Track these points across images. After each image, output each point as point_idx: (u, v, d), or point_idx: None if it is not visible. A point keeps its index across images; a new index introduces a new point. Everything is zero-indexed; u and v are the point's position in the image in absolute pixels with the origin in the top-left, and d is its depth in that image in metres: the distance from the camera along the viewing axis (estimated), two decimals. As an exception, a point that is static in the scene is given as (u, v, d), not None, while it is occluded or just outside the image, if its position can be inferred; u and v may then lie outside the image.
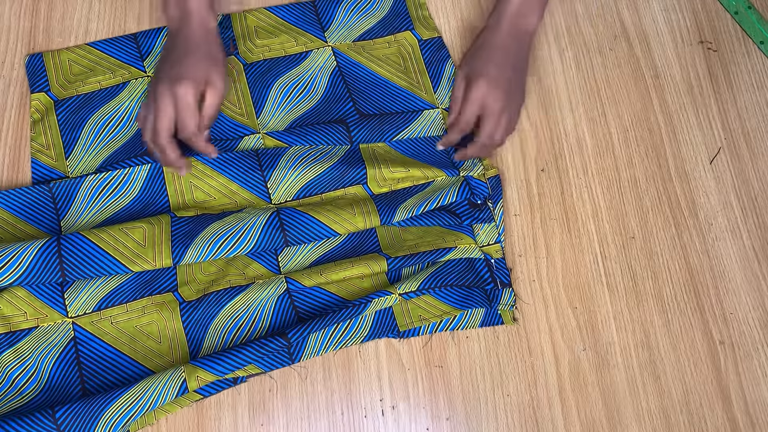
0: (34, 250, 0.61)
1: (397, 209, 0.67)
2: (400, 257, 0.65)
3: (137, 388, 0.59)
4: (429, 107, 0.73)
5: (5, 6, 0.76)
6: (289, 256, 0.67)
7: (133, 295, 0.64)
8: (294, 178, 0.69)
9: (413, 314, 0.65)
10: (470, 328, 0.66)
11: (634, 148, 0.73)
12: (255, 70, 0.74)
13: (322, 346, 0.64)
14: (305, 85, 0.73)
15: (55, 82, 0.72)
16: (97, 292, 0.64)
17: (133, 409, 0.58)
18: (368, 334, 0.64)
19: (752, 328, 0.67)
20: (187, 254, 0.63)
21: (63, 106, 0.71)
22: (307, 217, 0.65)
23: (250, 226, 0.64)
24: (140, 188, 0.67)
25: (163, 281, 0.65)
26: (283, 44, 0.75)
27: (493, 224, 0.68)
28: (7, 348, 0.61)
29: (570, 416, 0.64)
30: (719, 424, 0.64)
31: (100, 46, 0.74)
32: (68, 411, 0.58)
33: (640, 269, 0.69)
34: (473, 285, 0.66)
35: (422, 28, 0.77)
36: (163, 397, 0.59)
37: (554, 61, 0.76)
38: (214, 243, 0.63)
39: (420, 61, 0.75)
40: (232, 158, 0.69)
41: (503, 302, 0.66)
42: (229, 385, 0.63)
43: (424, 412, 0.64)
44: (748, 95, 0.76)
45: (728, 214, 0.71)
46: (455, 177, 0.69)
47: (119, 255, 0.62)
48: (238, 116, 0.72)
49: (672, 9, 0.79)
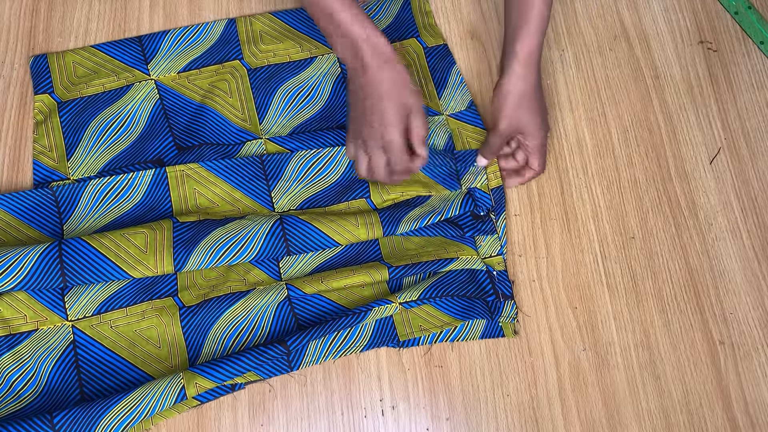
0: (36, 255, 0.61)
1: (401, 221, 0.66)
2: (401, 266, 0.65)
3: (135, 395, 0.58)
4: (433, 114, 0.73)
5: (5, 6, 0.76)
6: (290, 263, 0.67)
7: (133, 300, 0.64)
8: (298, 191, 0.69)
9: (413, 324, 0.65)
10: (470, 339, 0.65)
11: (634, 148, 0.73)
12: (259, 75, 0.73)
13: (321, 354, 0.63)
14: (309, 91, 0.73)
15: (59, 83, 0.72)
16: (97, 296, 0.63)
17: (131, 415, 0.58)
18: (368, 343, 0.64)
19: (752, 328, 0.67)
20: (189, 261, 0.62)
21: (66, 108, 0.71)
22: (310, 227, 0.65)
23: (253, 234, 0.64)
24: (144, 193, 0.67)
25: (164, 286, 0.65)
26: (288, 50, 0.75)
27: (495, 236, 0.68)
28: (6, 351, 0.61)
29: (570, 416, 0.64)
30: (719, 424, 0.64)
31: (104, 48, 0.74)
32: (66, 416, 0.57)
33: (640, 269, 0.69)
34: (475, 296, 0.66)
35: (428, 35, 0.77)
36: (161, 404, 0.58)
37: (554, 61, 0.76)
38: (217, 251, 0.63)
39: (425, 68, 0.75)
40: (237, 165, 0.68)
41: (505, 314, 0.66)
42: (227, 392, 0.62)
43: (424, 412, 0.64)
44: (748, 95, 0.76)
45: (728, 214, 0.71)
46: (458, 191, 0.69)
47: (120, 261, 0.62)
48: (240, 121, 0.71)
49: (672, 9, 0.79)
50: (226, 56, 0.74)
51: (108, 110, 0.71)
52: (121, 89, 0.72)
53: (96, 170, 0.69)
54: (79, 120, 0.70)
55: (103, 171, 0.69)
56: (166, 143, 0.70)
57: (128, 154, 0.69)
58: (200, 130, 0.71)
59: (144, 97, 0.72)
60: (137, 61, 0.73)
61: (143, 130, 0.70)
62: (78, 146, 0.69)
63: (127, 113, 0.71)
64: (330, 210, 0.68)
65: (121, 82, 0.72)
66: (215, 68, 0.73)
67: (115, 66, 0.73)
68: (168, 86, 0.72)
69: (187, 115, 0.71)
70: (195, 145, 0.70)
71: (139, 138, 0.70)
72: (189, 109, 0.72)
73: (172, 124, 0.71)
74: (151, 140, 0.70)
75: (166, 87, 0.72)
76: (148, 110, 0.71)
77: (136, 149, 0.70)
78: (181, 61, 0.73)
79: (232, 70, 0.73)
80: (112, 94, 0.72)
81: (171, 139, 0.70)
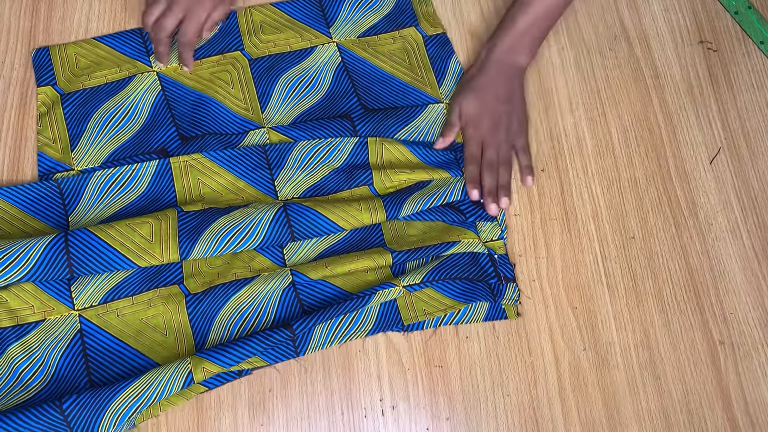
0: (42, 246, 0.61)
1: (404, 204, 0.67)
2: (404, 251, 0.66)
3: (143, 380, 0.59)
4: (433, 101, 0.73)
5: (5, 6, 0.76)
6: (294, 249, 0.67)
7: (139, 288, 0.64)
8: (301, 179, 0.69)
9: (417, 308, 0.66)
10: (474, 322, 0.66)
11: (634, 148, 0.73)
12: (260, 65, 0.74)
13: (327, 338, 0.64)
14: (310, 80, 0.74)
15: (62, 75, 0.72)
16: (103, 285, 0.64)
17: (139, 400, 0.58)
18: (373, 327, 0.65)
19: (752, 328, 0.67)
20: (194, 250, 0.63)
21: (69, 100, 0.71)
22: (314, 212, 0.66)
23: (258, 221, 0.64)
24: (148, 183, 0.68)
25: (169, 274, 0.65)
26: (288, 40, 0.75)
27: (495, 222, 0.69)
28: (15, 341, 0.62)
29: (570, 416, 0.64)
30: (719, 424, 0.64)
31: (106, 40, 0.74)
32: (75, 402, 0.58)
33: (640, 269, 0.69)
34: (477, 279, 0.67)
35: (427, 24, 0.77)
36: (169, 389, 0.59)
37: (554, 61, 0.76)
38: (222, 238, 0.63)
39: (424, 56, 0.76)
40: (240, 155, 0.69)
41: (507, 297, 0.66)
42: (234, 377, 0.63)
43: (424, 412, 0.64)
44: (748, 95, 0.76)
45: (728, 214, 0.71)
46: (459, 177, 0.70)
47: (126, 250, 0.62)
48: (243, 111, 0.72)
49: (672, 9, 0.79)
50: (227, 47, 0.75)
51: (111, 101, 0.71)
52: (124, 80, 0.72)
53: (100, 161, 0.69)
54: (82, 111, 0.71)
55: (108, 161, 0.69)
56: (169, 133, 0.71)
57: (132, 144, 0.70)
58: (203, 119, 0.72)
59: (146, 88, 0.72)
60: (139, 53, 0.74)
61: (146, 121, 0.71)
62: (82, 137, 0.70)
63: (130, 104, 0.71)
64: (333, 197, 0.69)
65: (124, 74, 0.73)
66: (216, 59, 0.74)
67: (117, 58, 0.73)
68: (170, 77, 0.73)
69: (190, 105, 0.72)
70: (198, 135, 0.71)
71: (143, 128, 0.71)
72: (191, 99, 0.72)
73: (174, 114, 0.71)
74: (155, 130, 0.71)
75: (168, 78, 0.73)
76: (151, 100, 0.72)
77: (139, 139, 0.70)
78: None
79: (234, 60, 0.74)
80: (114, 86, 0.72)
81: (174, 129, 0.71)
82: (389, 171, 0.69)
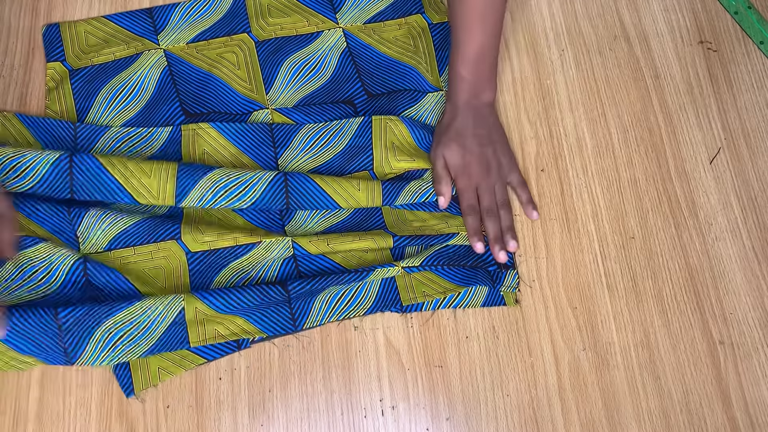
0: (48, 163, 0.63)
1: (401, 192, 0.68)
2: (405, 236, 0.67)
3: (137, 306, 0.61)
4: (433, 90, 0.74)
5: (5, 6, 0.76)
6: (297, 225, 0.68)
7: (141, 240, 0.66)
8: (304, 161, 0.70)
9: (417, 290, 0.66)
10: (473, 306, 0.66)
11: (634, 148, 0.73)
12: (266, 47, 0.75)
13: (326, 314, 0.65)
14: (315, 64, 0.75)
15: (71, 52, 0.73)
16: (108, 230, 0.65)
17: (129, 325, 0.60)
18: (372, 305, 0.65)
19: (752, 328, 0.67)
20: (189, 195, 0.65)
21: (78, 76, 0.72)
22: (312, 183, 0.67)
23: (255, 180, 0.66)
24: (158, 148, 0.70)
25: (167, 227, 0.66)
26: (295, 24, 0.76)
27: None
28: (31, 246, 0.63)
29: (570, 416, 0.64)
30: (719, 424, 0.64)
31: (115, 19, 0.76)
32: (71, 314, 0.59)
33: (640, 269, 0.69)
34: (476, 266, 0.67)
35: (433, 12, 0.78)
36: (160, 321, 0.61)
37: (554, 61, 0.76)
38: (218, 190, 0.65)
39: (429, 43, 0.76)
40: (246, 130, 0.70)
41: (506, 284, 0.67)
42: (232, 350, 0.64)
43: (424, 412, 0.64)
44: (748, 95, 0.76)
45: (728, 214, 0.71)
46: None
47: (125, 181, 0.64)
48: (247, 92, 0.73)
49: (672, 9, 0.79)
50: (235, 29, 0.76)
51: (118, 77, 0.72)
52: (131, 57, 0.74)
53: None
54: (90, 87, 0.72)
55: None
56: (173, 109, 0.72)
57: (138, 119, 0.71)
58: (208, 98, 0.73)
59: (152, 65, 0.73)
60: (147, 32, 0.75)
61: (152, 96, 0.72)
62: (89, 112, 0.71)
63: (137, 80, 0.73)
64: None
65: (131, 51, 0.74)
66: (223, 40, 0.75)
67: (126, 36, 0.75)
68: (176, 55, 0.74)
69: (195, 83, 0.73)
70: (203, 112, 0.72)
71: (148, 104, 0.72)
72: (196, 77, 0.73)
73: (179, 90, 0.73)
74: (160, 106, 0.72)
75: (174, 55, 0.74)
76: (157, 76, 0.73)
77: (145, 115, 0.72)
78: (189, 33, 0.75)
79: (240, 42, 0.75)
80: (121, 62, 0.73)
81: (178, 105, 0.72)
82: (390, 157, 0.70)
